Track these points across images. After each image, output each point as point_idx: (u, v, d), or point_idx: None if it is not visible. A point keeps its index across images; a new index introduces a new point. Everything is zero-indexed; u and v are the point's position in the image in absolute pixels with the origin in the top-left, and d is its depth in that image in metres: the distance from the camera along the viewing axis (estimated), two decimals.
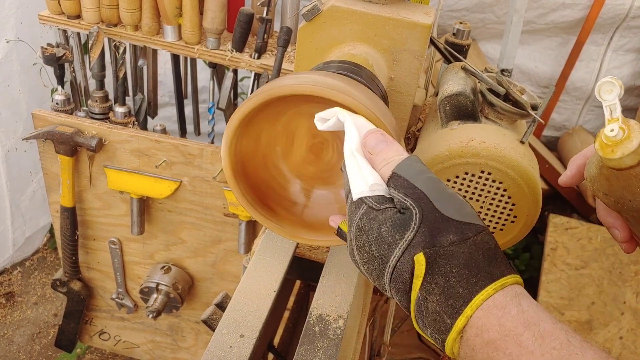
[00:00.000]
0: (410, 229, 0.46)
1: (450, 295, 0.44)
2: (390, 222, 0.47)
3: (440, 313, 0.45)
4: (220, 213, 1.43)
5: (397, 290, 0.48)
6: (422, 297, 0.46)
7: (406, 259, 0.46)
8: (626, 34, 2.19)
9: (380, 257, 0.47)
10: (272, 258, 0.77)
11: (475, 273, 0.44)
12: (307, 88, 0.60)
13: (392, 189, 0.49)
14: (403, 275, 0.46)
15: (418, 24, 0.79)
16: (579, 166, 0.59)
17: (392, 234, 0.47)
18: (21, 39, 1.78)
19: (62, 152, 1.36)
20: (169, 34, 1.41)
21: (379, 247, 0.47)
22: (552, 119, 2.48)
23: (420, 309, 0.46)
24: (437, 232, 0.46)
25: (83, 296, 1.67)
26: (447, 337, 0.45)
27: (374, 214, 0.49)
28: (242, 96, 1.94)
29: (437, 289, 0.45)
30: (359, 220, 0.49)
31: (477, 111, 0.83)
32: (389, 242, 0.47)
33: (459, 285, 0.44)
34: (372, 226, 0.48)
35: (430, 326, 0.46)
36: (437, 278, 0.45)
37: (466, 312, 0.43)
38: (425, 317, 0.46)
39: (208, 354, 0.61)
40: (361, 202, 0.50)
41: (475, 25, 2.16)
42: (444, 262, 0.45)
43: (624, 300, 2.00)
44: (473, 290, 0.44)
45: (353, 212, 0.50)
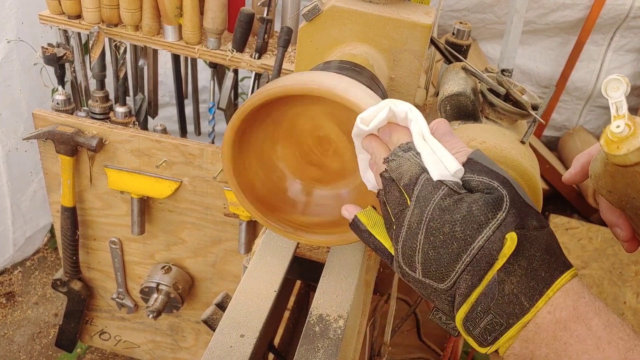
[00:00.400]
0: (502, 208, 0.46)
1: (533, 278, 0.44)
2: (482, 201, 0.46)
3: (517, 295, 0.44)
4: (221, 213, 1.43)
5: (474, 273, 0.46)
6: (499, 278, 0.45)
7: (497, 237, 0.45)
8: (626, 34, 2.19)
9: (465, 237, 0.46)
10: (273, 258, 0.77)
11: (555, 259, 0.45)
12: (308, 88, 0.60)
13: (470, 173, 0.49)
14: (490, 255, 0.45)
15: (418, 24, 0.79)
16: (583, 164, 0.59)
17: (484, 212, 0.46)
18: (22, 39, 1.78)
19: (63, 152, 1.36)
20: (170, 34, 1.41)
21: (465, 227, 0.46)
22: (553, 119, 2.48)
23: (490, 292, 0.45)
24: (524, 216, 0.46)
25: (83, 296, 1.67)
26: (517, 321, 0.44)
27: (459, 195, 0.48)
28: (243, 96, 1.94)
29: (520, 271, 0.45)
30: (441, 200, 0.48)
31: (477, 111, 0.83)
32: (479, 220, 0.46)
33: (541, 269, 0.45)
34: (460, 206, 0.47)
35: (497, 311, 0.45)
36: (520, 260, 0.45)
37: (548, 294, 0.44)
38: (496, 301, 0.45)
39: (208, 354, 0.61)
40: (441, 183, 0.49)
41: (475, 26, 2.16)
42: (528, 245, 0.45)
43: (624, 301, 2.00)
44: (554, 274, 0.45)
45: (430, 192, 0.48)
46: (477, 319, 0.47)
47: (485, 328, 0.46)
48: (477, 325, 0.47)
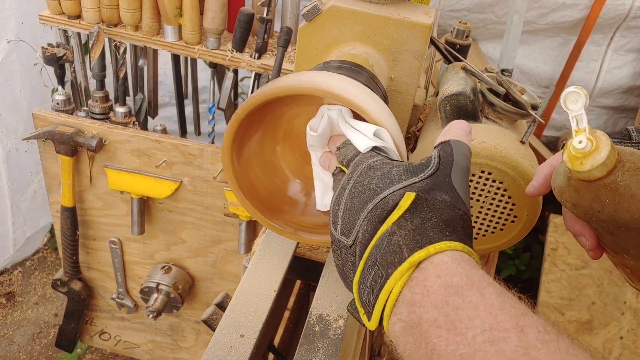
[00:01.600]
0: (418, 176, 0.49)
1: (419, 234, 0.45)
2: (404, 167, 0.51)
3: (401, 246, 0.45)
4: (221, 213, 1.43)
5: (371, 220, 0.48)
6: (390, 230, 0.46)
7: (399, 192, 0.48)
8: (626, 34, 2.19)
9: (376, 188, 0.50)
10: (273, 258, 0.77)
11: (450, 231, 0.46)
12: (307, 88, 0.60)
13: (436, 149, 0.52)
14: (387, 204, 0.48)
15: (418, 24, 0.79)
16: (545, 176, 0.58)
17: (400, 174, 0.50)
18: (22, 39, 1.78)
19: (63, 152, 1.36)
20: (170, 34, 1.41)
21: (379, 181, 0.50)
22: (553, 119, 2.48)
23: (381, 243, 0.46)
24: (436, 188, 0.48)
25: (83, 296, 1.67)
26: (396, 269, 0.44)
27: (390, 161, 0.53)
28: (243, 96, 1.94)
29: (410, 226, 0.46)
30: (373, 162, 0.53)
31: (477, 111, 0.83)
32: (393, 178, 0.50)
33: (432, 230, 0.45)
34: (384, 167, 0.51)
35: (381, 262, 0.45)
36: (414, 218, 0.46)
37: (429, 249, 0.44)
38: (382, 252, 0.45)
39: (208, 354, 0.61)
40: (378, 152, 0.55)
41: (475, 25, 2.16)
42: (427, 209, 0.47)
43: (624, 301, 2.00)
44: (443, 238, 0.45)
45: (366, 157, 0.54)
46: (366, 277, 0.46)
47: (370, 286, 0.46)
48: (365, 286, 0.46)
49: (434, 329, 0.40)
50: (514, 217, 0.78)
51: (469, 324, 0.38)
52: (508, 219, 0.79)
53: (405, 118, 0.88)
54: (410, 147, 0.97)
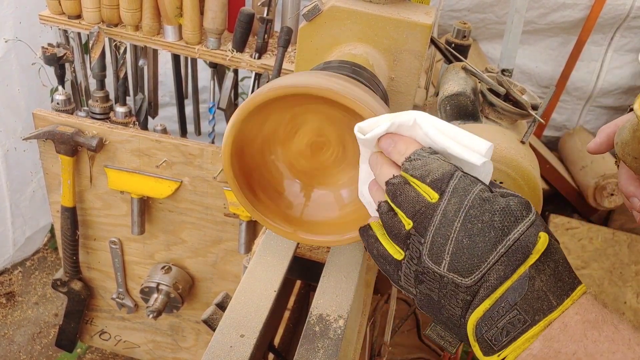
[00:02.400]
0: (532, 210, 0.48)
1: (560, 279, 0.46)
2: (517, 200, 0.48)
3: (546, 292, 0.45)
4: (221, 213, 1.43)
5: (508, 264, 0.46)
6: (530, 274, 0.45)
7: (532, 232, 0.47)
8: (627, 34, 2.19)
9: (503, 227, 0.47)
10: (273, 258, 0.77)
11: (572, 270, 0.47)
12: (307, 88, 0.60)
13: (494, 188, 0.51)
14: (526, 247, 0.46)
15: (419, 24, 0.79)
16: (608, 134, 0.60)
17: (520, 209, 0.47)
18: (20, 38, 1.78)
19: (63, 152, 1.36)
20: (170, 34, 1.41)
21: (504, 218, 0.47)
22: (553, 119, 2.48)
23: (520, 287, 0.45)
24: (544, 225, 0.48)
25: (83, 296, 1.67)
26: (545, 316, 0.44)
27: (493, 193, 0.49)
28: (243, 96, 1.94)
29: (548, 270, 0.46)
30: (481, 192, 0.49)
31: (477, 111, 0.83)
32: (516, 214, 0.47)
33: (564, 274, 0.46)
34: (498, 200, 0.48)
35: (523, 307, 0.45)
36: (549, 261, 0.46)
37: (573, 296, 0.45)
38: (525, 296, 0.45)
39: (208, 353, 0.61)
40: (477, 180, 0.50)
41: (475, 25, 2.16)
42: (554, 251, 0.47)
43: (625, 301, 2.00)
44: (575, 281, 0.46)
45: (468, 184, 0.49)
46: (497, 317, 0.46)
47: (504, 327, 0.45)
48: (494, 325, 0.46)
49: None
50: None
51: (610, 357, 0.40)
52: None
53: None
54: None
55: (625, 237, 2.15)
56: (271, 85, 0.62)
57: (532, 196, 0.76)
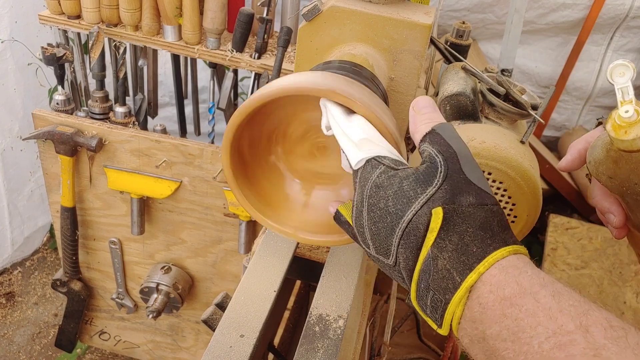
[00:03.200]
0: (433, 184, 0.47)
1: (463, 253, 0.44)
2: (413, 177, 0.48)
3: (450, 270, 0.44)
4: (221, 213, 1.43)
5: (407, 247, 0.47)
6: (432, 254, 0.45)
7: (424, 211, 0.46)
8: (626, 34, 2.19)
9: (396, 211, 0.47)
10: (273, 258, 0.77)
11: (490, 235, 0.45)
12: (307, 88, 0.60)
13: (426, 143, 0.50)
14: (418, 229, 0.46)
15: (418, 24, 0.79)
16: (579, 150, 0.59)
17: (413, 188, 0.47)
18: (16, 38, 1.78)
19: (63, 152, 1.36)
20: (169, 34, 1.41)
21: (396, 202, 0.47)
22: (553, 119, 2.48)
23: (427, 268, 0.45)
24: (458, 192, 0.46)
25: (83, 296, 1.67)
26: (452, 296, 0.44)
27: (394, 172, 0.49)
28: (242, 96, 1.94)
29: (450, 246, 0.45)
30: (377, 178, 0.49)
31: (477, 111, 0.83)
32: (408, 195, 0.47)
33: (473, 244, 0.44)
34: (393, 182, 0.48)
35: (435, 287, 0.45)
36: (451, 235, 0.45)
37: (478, 268, 0.43)
38: (432, 277, 0.45)
39: (208, 354, 0.61)
40: (378, 162, 0.51)
41: (475, 25, 2.16)
42: (460, 221, 0.45)
43: (624, 300, 2.00)
44: (487, 249, 0.44)
45: (369, 172, 0.51)
46: (424, 297, 0.47)
47: (431, 306, 0.46)
48: (426, 305, 0.47)
49: (499, 342, 0.40)
50: (514, 217, 0.78)
51: (532, 333, 0.38)
52: (508, 219, 0.79)
53: (405, 118, 0.88)
54: (410, 147, 0.97)
55: None
56: (271, 86, 0.62)
57: (532, 196, 0.76)
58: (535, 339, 0.38)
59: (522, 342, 0.38)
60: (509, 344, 0.39)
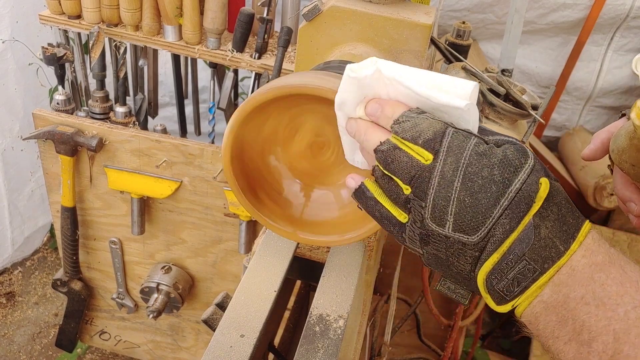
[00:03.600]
0: (529, 156, 0.47)
1: (564, 222, 0.45)
2: (513, 148, 0.47)
3: (552, 239, 0.45)
4: (221, 213, 1.43)
5: (512, 216, 0.45)
6: (534, 222, 0.45)
7: (533, 180, 0.46)
8: (627, 34, 2.19)
9: (503, 180, 0.46)
10: (273, 258, 0.77)
11: (574, 209, 0.47)
12: (307, 88, 0.60)
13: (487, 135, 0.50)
14: (529, 196, 0.45)
15: (419, 24, 0.79)
16: (602, 140, 0.60)
17: (518, 157, 0.47)
18: (17, 38, 1.78)
19: (63, 152, 1.36)
20: (170, 34, 1.41)
21: (503, 170, 0.46)
22: (553, 119, 2.48)
23: (526, 237, 0.45)
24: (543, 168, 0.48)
25: (83, 296, 1.67)
26: (552, 265, 0.44)
27: (488, 145, 0.48)
28: (243, 96, 1.94)
29: (552, 216, 0.45)
30: (476, 146, 0.47)
31: None
32: (515, 164, 0.46)
33: (568, 215, 0.46)
34: (495, 151, 0.47)
35: (531, 257, 0.45)
36: (552, 206, 0.46)
37: (579, 238, 0.44)
38: (532, 246, 0.45)
39: (208, 353, 0.61)
40: (470, 133, 0.49)
41: (475, 26, 2.16)
42: (556, 193, 0.46)
43: None
44: (579, 220, 0.46)
45: (462, 140, 0.48)
46: (507, 269, 0.46)
47: (514, 278, 0.45)
48: (504, 277, 0.46)
49: (582, 305, 0.41)
50: None
51: (619, 300, 0.39)
52: None
53: None
54: None
55: (625, 237, 2.14)
56: (271, 85, 0.62)
57: None
58: (622, 307, 0.39)
59: (607, 308, 0.39)
60: (592, 308, 0.40)
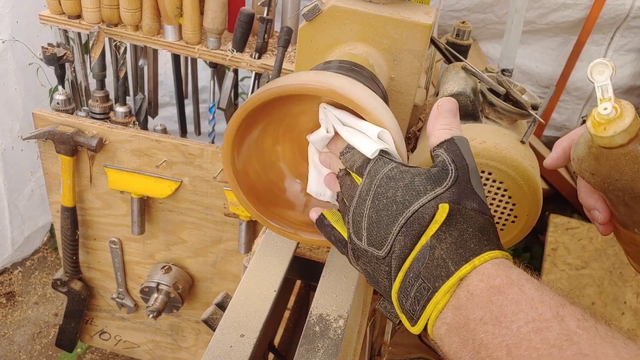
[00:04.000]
0: (442, 185, 0.50)
1: (461, 246, 0.47)
2: (425, 176, 0.51)
3: (445, 260, 0.46)
4: (221, 213, 1.43)
5: (407, 234, 0.49)
6: (430, 244, 0.48)
7: (431, 204, 0.49)
8: (627, 34, 2.19)
9: (404, 201, 0.50)
10: (273, 258, 0.77)
11: (487, 239, 0.48)
12: (308, 87, 0.60)
13: (442, 149, 0.52)
14: (423, 218, 0.49)
15: (419, 24, 0.79)
16: (564, 148, 0.60)
17: (424, 184, 0.50)
18: (17, 37, 1.78)
19: (63, 152, 1.36)
20: (170, 34, 1.41)
21: (405, 193, 0.50)
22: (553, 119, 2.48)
23: (422, 256, 0.48)
24: (464, 197, 0.50)
25: (83, 296, 1.67)
26: (442, 284, 0.46)
27: (406, 168, 0.53)
28: (243, 96, 1.94)
29: (450, 239, 0.47)
30: (389, 171, 0.53)
31: (477, 111, 0.83)
32: (419, 190, 0.50)
33: (471, 241, 0.47)
34: (405, 176, 0.52)
35: (425, 276, 0.47)
36: (452, 230, 0.48)
37: (474, 261, 0.46)
38: (426, 265, 0.47)
39: (208, 353, 0.61)
40: (390, 159, 0.54)
41: (475, 25, 2.16)
42: (462, 220, 0.48)
43: (625, 300, 2.00)
44: (483, 248, 0.47)
45: (381, 165, 0.54)
46: (409, 287, 0.48)
47: (414, 297, 0.48)
48: (408, 296, 0.48)
49: (480, 326, 0.43)
50: (514, 217, 0.78)
51: (513, 318, 0.41)
52: (508, 219, 0.79)
53: (406, 118, 0.88)
54: (411, 147, 0.97)
55: None
56: (271, 85, 0.62)
57: (532, 196, 0.76)
58: (515, 323, 0.40)
59: (502, 326, 0.41)
60: (490, 327, 0.42)
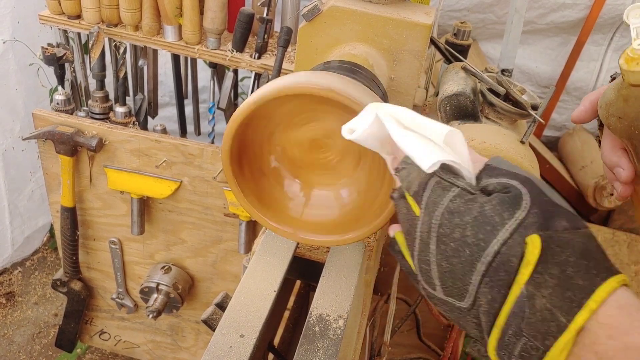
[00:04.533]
0: (521, 207, 0.39)
1: (568, 288, 0.37)
2: (496, 200, 0.40)
3: (551, 310, 0.37)
4: (221, 213, 1.43)
5: (493, 285, 0.39)
6: (527, 293, 0.37)
7: (516, 241, 0.38)
8: (627, 34, 2.19)
9: (477, 242, 0.39)
10: (272, 258, 0.77)
11: (594, 265, 0.37)
12: (307, 87, 0.60)
13: (488, 178, 0.43)
14: (509, 262, 0.38)
15: (418, 24, 0.79)
16: (592, 101, 0.59)
17: (499, 212, 0.39)
18: (18, 38, 1.78)
19: (63, 152, 1.36)
20: (170, 34, 1.41)
21: (477, 230, 0.39)
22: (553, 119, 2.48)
23: (520, 310, 0.38)
24: (549, 216, 0.39)
25: (83, 296, 1.67)
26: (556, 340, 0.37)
27: (472, 196, 0.41)
28: (243, 96, 1.94)
29: (551, 281, 0.37)
30: (450, 202, 0.41)
31: (477, 111, 0.83)
32: (493, 222, 0.39)
33: (577, 276, 0.37)
34: (471, 207, 0.40)
35: (530, 333, 0.38)
36: (550, 267, 0.37)
37: (589, 304, 0.36)
38: (527, 320, 0.38)
39: (208, 354, 0.61)
40: (452, 185, 0.42)
41: (475, 25, 2.16)
42: (559, 250, 0.38)
43: None
44: (595, 281, 0.37)
45: (439, 195, 0.42)
46: (511, 345, 0.39)
47: (520, 356, 0.38)
48: (512, 355, 0.39)
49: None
50: None
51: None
52: None
53: None
54: None
55: (625, 237, 2.14)
56: (271, 85, 0.62)
57: None
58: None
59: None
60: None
